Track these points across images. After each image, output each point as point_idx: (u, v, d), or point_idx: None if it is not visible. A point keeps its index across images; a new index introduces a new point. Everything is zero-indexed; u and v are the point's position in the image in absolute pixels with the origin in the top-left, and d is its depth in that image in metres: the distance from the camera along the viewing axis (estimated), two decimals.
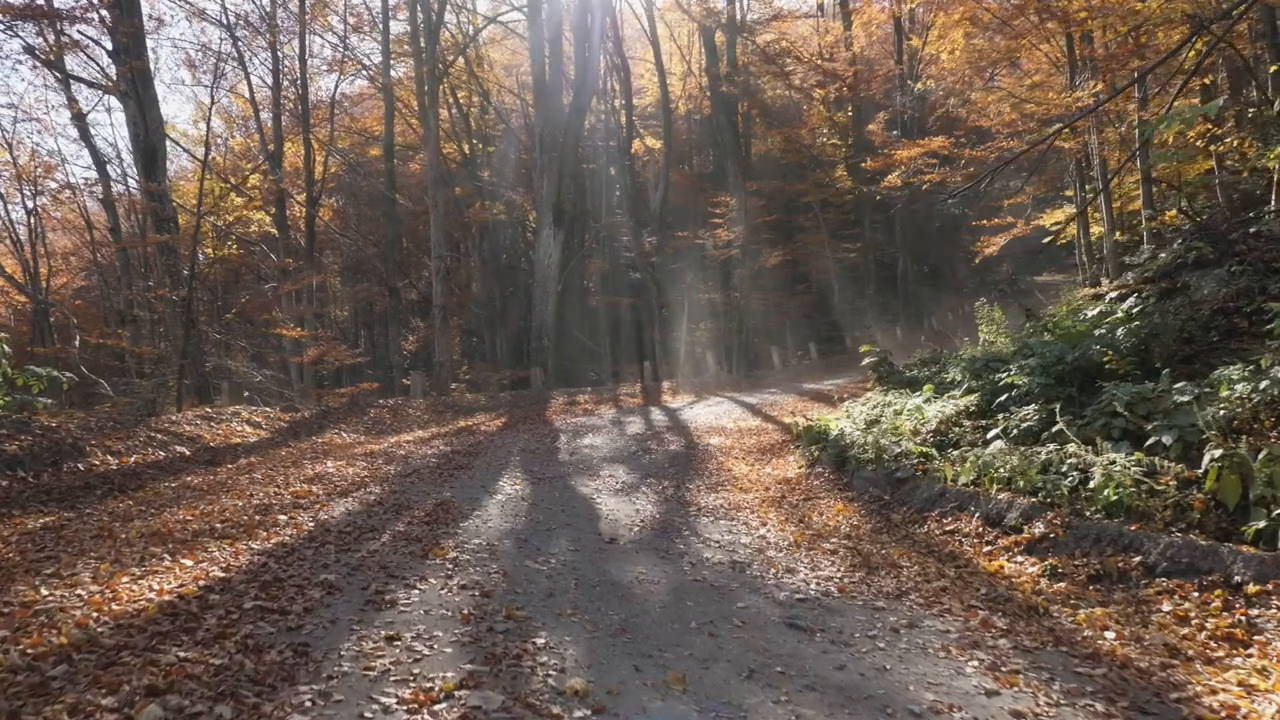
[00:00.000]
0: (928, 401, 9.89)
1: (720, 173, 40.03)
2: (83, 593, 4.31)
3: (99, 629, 3.75)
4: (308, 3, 25.46)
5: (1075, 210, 27.43)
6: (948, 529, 6.90)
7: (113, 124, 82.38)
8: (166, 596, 4.23)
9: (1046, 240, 32.04)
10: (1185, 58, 11.96)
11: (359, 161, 34.02)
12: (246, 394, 21.06)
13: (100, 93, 23.95)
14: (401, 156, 33.06)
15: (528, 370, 24.24)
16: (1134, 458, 5.91)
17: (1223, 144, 11.42)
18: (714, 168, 43.00)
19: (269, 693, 3.19)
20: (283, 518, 6.49)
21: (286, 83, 28.55)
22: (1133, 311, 7.98)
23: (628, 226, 32.74)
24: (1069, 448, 6.30)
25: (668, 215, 32.49)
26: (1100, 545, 5.64)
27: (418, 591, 4.61)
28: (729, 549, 6.29)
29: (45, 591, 4.32)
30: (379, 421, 14.99)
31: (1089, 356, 7.93)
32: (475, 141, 36.49)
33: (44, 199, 27.06)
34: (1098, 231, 26.07)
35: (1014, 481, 6.75)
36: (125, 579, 4.57)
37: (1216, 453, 5.40)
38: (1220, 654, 4.17)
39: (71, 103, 22.42)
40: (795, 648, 4.09)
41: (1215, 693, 3.72)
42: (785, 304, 35.02)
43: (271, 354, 30.58)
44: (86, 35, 18.77)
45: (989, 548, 6.29)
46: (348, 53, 28.13)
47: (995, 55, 27.16)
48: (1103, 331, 8.14)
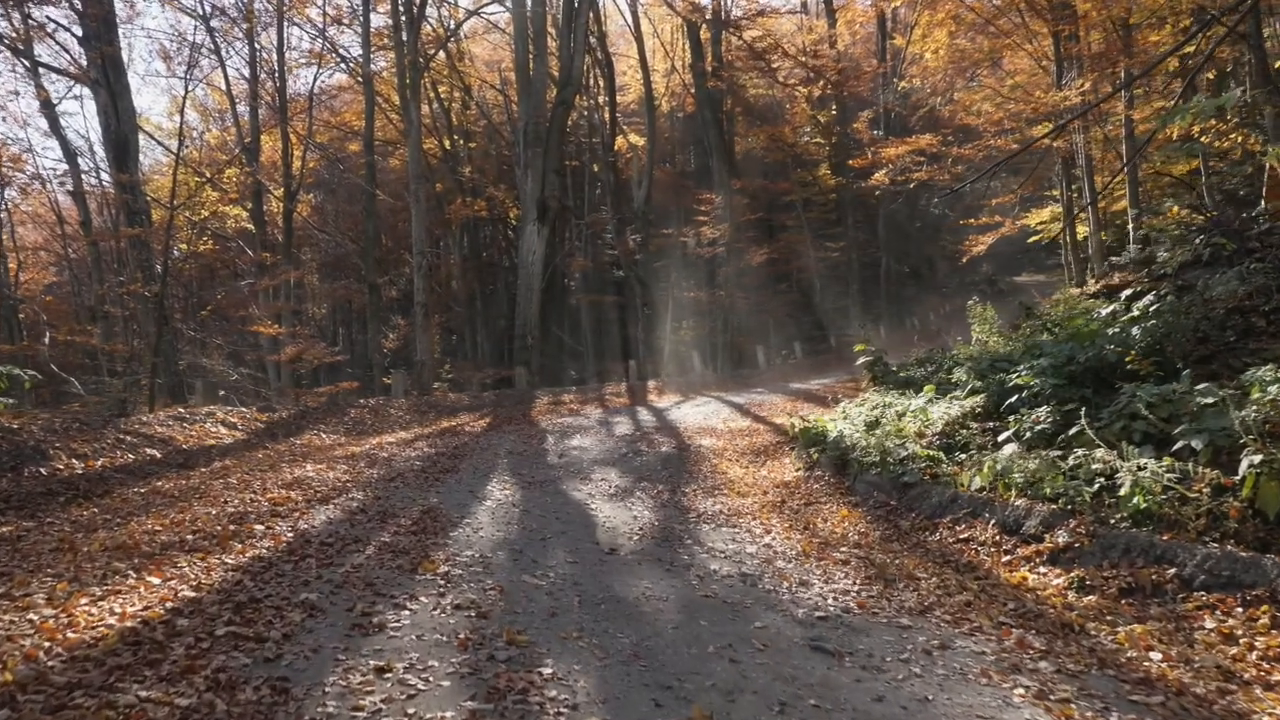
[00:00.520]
0: (931, 402, 9.59)
1: (704, 171, 39.76)
2: (35, 617, 3.88)
3: (50, 662, 3.33)
4: None
5: (1061, 209, 27.37)
6: (961, 537, 6.59)
7: (85, 114, 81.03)
8: (129, 622, 3.79)
9: (1032, 239, 32.11)
10: (1187, 51, 11.80)
11: (339, 156, 33.39)
12: (222, 393, 20.50)
13: (71, 81, 23.24)
14: (381, 152, 32.42)
15: (511, 369, 23.78)
16: (1164, 463, 5.61)
17: (1227, 140, 11.21)
18: (697, 166, 42.74)
19: None
20: (259, 527, 6.06)
21: (264, 75, 27.95)
22: (1149, 310, 7.70)
23: (611, 224, 32.34)
24: (1097, 452, 5.97)
25: (650, 213, 32.13)
26: (1130, 556, 5.35)
27: (408, 612, 4.21)
28: (735, 560, 5.94)
29: None
30: (360, 422, 14.52)
31: (1102, 356, 7.66)
32: (456, 137, 35.95)
33: (12, 191, 26.23)
34: (1083, 231, 26.03)
35: (1031, 487, 6.45)
36: (84, 601, 4.13)
37: (1255, 458, 5.11)
38: (1278, 678, 3.87)
39: (40, 91, 21.70)
40: (826, 675, 3.73)
41: None
42: (768, 303, 34.77)
43: (248, 352, 29.95)
44: (56, 21, 18.15)
45: (1008, 557, 5.98)
46: (327, 44, 27.52)
47: (978, 55, 27.08)
48: (1116, 330, 7.86)
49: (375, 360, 26.16)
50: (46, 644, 3.52)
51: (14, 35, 19.63)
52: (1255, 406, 5.62)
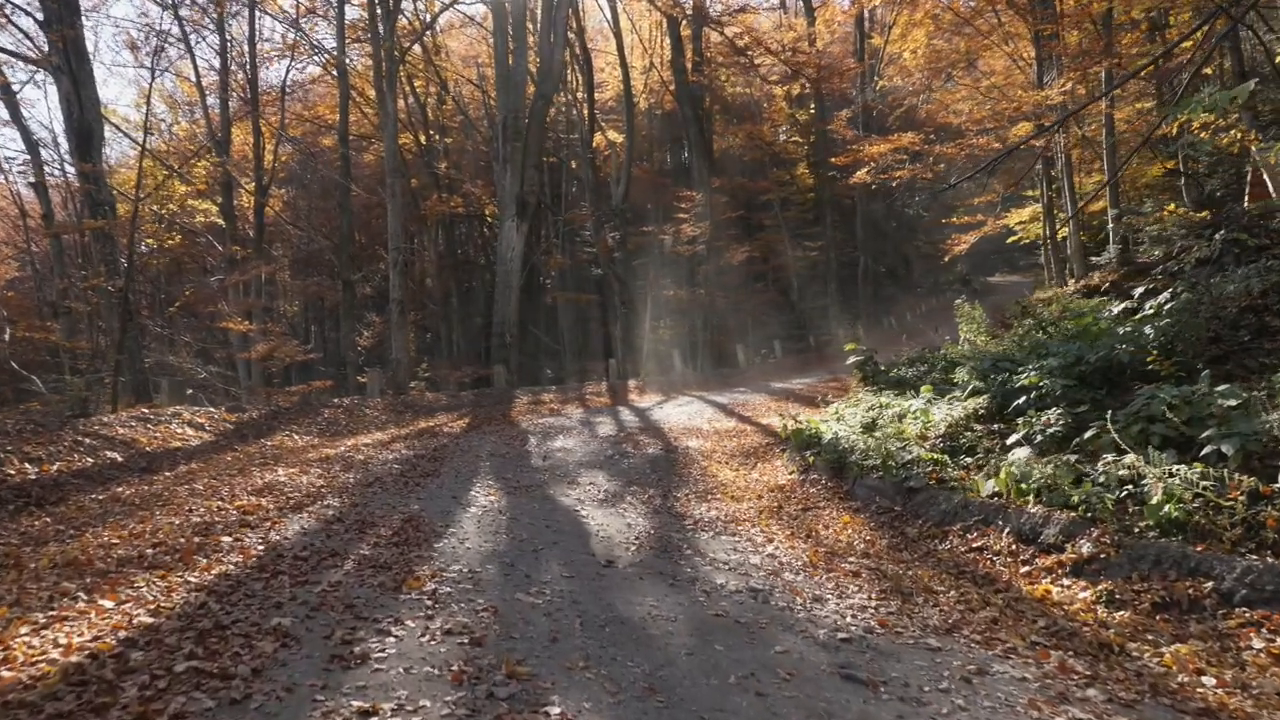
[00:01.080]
0: (930, 403, 9.29)
1: (682, 169, 39.50)
2: None
3: None
4: None
5: (1041, 209, 27.35)
6: (974, 546, 6.27)
7: (49, 105, 79.26)
8: (75, 656, 3.32)
9: (1011, 240, 32.15)
10: (1185, 47, 11.60)
11: (313, 150, 32.66)
12: (190, 392, 19.80)
13: (32, 68, 22.45)
14: (355, 147, 31.70)
15: (488, 368, 23.27)
16: (1195, 469, 5.31)
17: (1226, 136, 11.02)
18: (675, 164, 42.47)
19: None
20: (227, 539, 5.59)
21: (235, 66, 27.19)
22: (1162, 308, 7.43)
23: (591, 220, 31.89)
24: (1127, 458, 5.66)
25: (628, 211, 31.73)
26: (1161, 568, 5.03)
27: (393, 639, 3.78)
28: (741, 572, 5.57)
29: None
30: (334, 422, 13.99)
31: (1113, 356, 7.38)
32: (432, 132, 35.34)
33: None
34: (1063, 232, 26.01)
35: (1047, 494, 6.14)
36: (25, 630, 3.65)
37: None
38: None
39: None
40: (863, 710, 3.36)
41: None
42: (747, 302, 34.57)
43: (218, 350, 29.20)
44: (14, 3, 17.43)
45: (1027, 568, 5.66)
46: (301, 34, 26.83)
47: (955, 56, 26.99)
48: (1128, 330, 7.58)
49: (349, 358, 25.56)
50: None
51: None
52: None
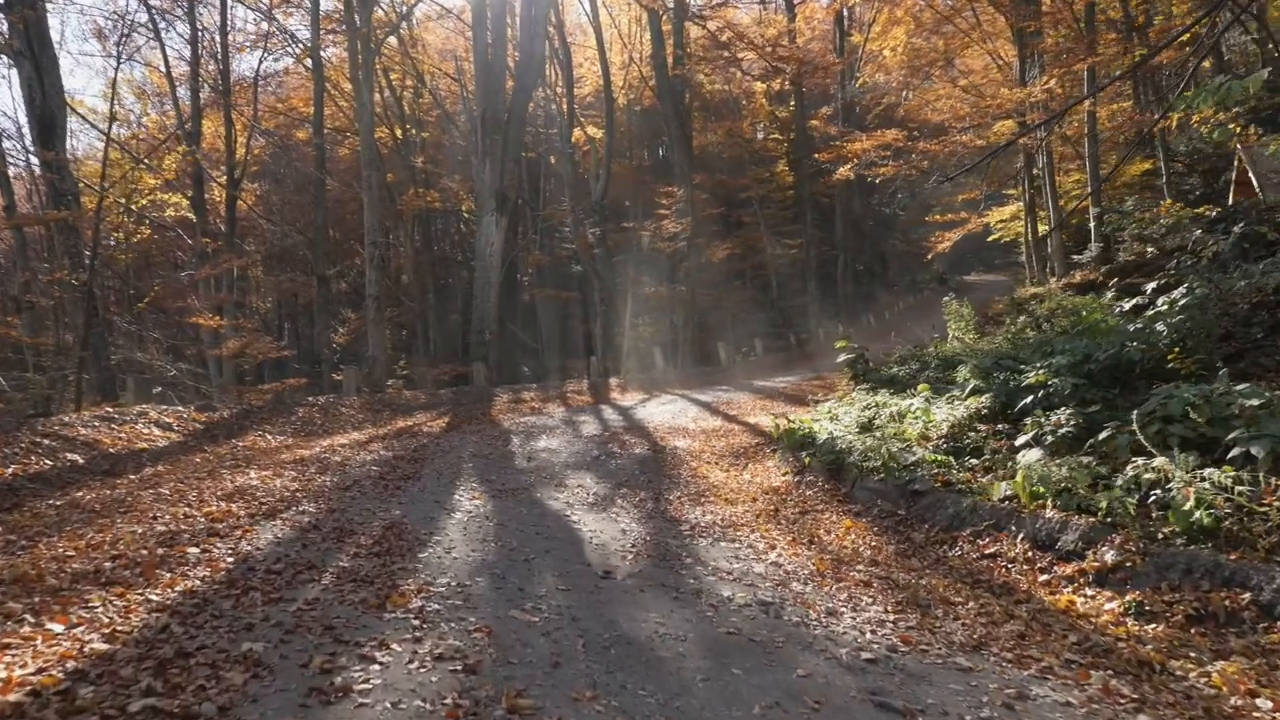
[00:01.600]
0: (929, 402, 9.02)
1: (662, 165, 39.20)
2: None
3: None
4: None
5: (1022, 207, 27.35)
6: (986, 552, 5.99)
7: (12, 94, 77.32)
8: (14, 694, 2.89)
9: (992, 238, 32.17)
10: (1184, 40, 11.48)
11: (286, 144, 31.95)
12: (158, 390, 19.16)
13: None
14: (330, 140, 31.05)
15: (467, 366, 22.80)
16: (1228, 473, 5.05)
17: (1221, 131, 10.87)
18: (654, 160, 42.16)
19: None
20: (193, 550, 5.17)
21: (205, 56, 26.45)
22: (1175, 304, 7.20)
23: (570, 216, 31.46)
24: (1156, 461, 5.38)
25: (608, 207, 31.33)
26: (1192, 578, 4.76)
27: (378, 667, 3.40)
28: (747, 583, 5.24)
29: None
30: (309, 422, 13.50)
31: (1124, 354, 7.13)
32: (409, 126, 34.74)
33: None
34: (1043, 230, 26.01)
35: (1062, 497, 5.86)
36: None
37: None
38: None
39: None
40: None
41: None
42: (726, 300, 34.36)
43: (188, 346, 28.46)
44: None
45: (1046, 576, 5.38)
46: (275, 24, 26.17)
47: (934, 55, 26.92)
48: (1139, 326, 7.34)
49: (324, 356, 24.98)
50: None
51: None
52: None
